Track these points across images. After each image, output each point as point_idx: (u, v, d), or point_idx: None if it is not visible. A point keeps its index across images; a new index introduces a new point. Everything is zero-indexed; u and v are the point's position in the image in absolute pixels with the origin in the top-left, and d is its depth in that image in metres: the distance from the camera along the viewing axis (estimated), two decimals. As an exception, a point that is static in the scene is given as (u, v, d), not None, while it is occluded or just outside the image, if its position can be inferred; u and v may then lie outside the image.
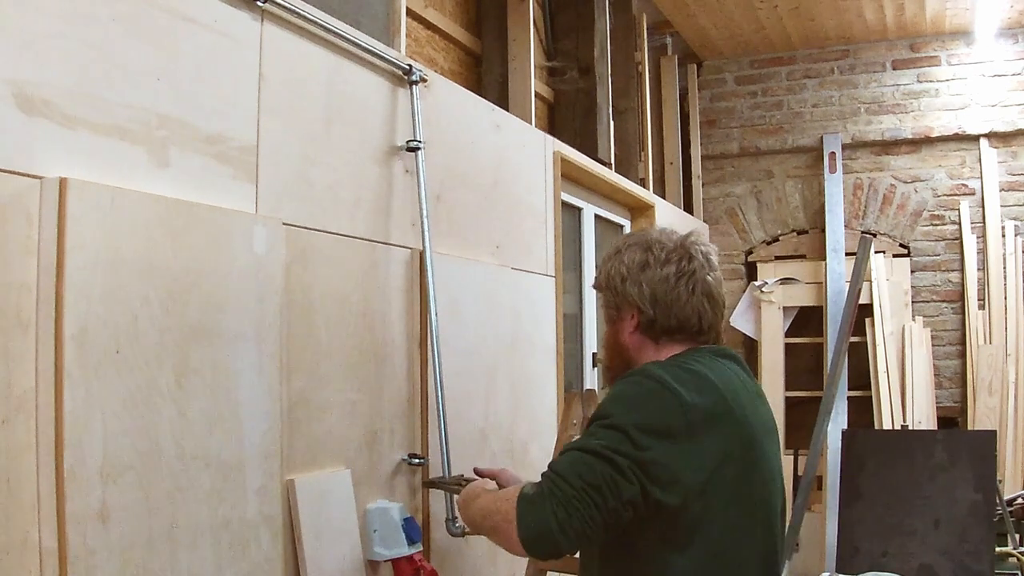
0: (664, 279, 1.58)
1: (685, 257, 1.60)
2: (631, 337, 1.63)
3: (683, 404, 1.44)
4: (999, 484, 3.04)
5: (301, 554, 1.94)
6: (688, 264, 1.60)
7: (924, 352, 5.16)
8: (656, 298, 1.58)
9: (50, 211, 1.44)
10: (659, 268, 1.59)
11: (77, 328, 1.45)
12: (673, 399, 1.44)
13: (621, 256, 1.64)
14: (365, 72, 2.32)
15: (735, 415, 1.50)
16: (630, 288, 1.60)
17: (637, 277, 1.60)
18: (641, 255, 1.61)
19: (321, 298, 2.09)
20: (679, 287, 1.58)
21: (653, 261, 1.60)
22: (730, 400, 1.50)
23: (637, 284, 1.60)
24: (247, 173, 1.89)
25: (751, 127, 5.78)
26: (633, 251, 1.63)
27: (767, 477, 1.55)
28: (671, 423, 1.43)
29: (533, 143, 3.32)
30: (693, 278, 1.59)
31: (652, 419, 1.43)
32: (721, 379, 1.52)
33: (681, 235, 1.66)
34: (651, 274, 1.59)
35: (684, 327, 1.59)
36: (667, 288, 1.58)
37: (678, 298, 1.58)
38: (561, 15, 4.14)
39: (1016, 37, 5.28)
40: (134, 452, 1.53)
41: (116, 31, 1.59)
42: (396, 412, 2.36)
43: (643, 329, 1.61)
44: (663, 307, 1.58)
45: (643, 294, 1.59)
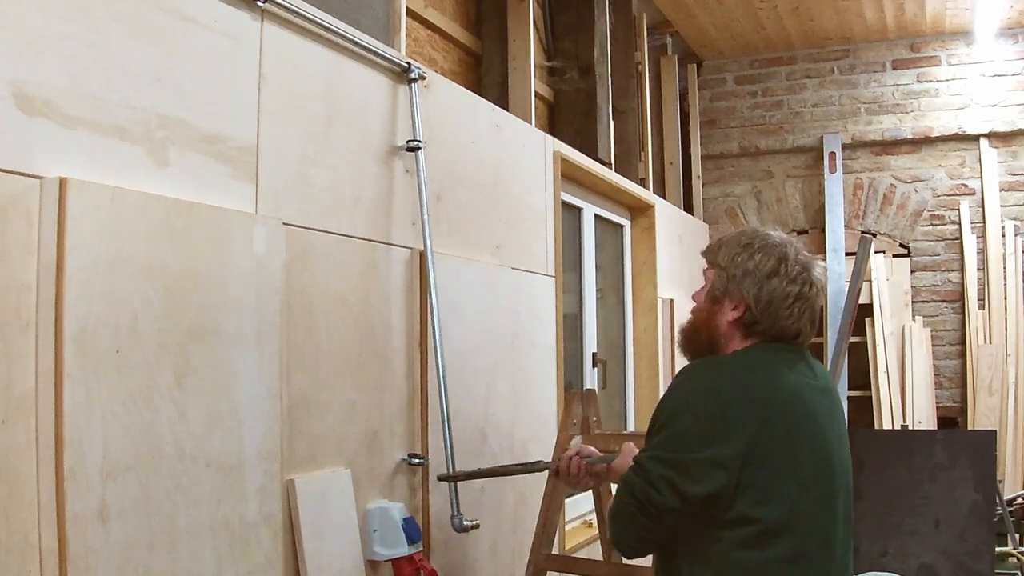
0: (785, 296, 1.67)
1: (808, 283, 1.70)
2: (728, 325, 1.71)
3: (726, 412, 1.57)
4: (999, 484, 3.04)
5: (301, 554, 1.94)
6: (809, 290, 1.70)
7: (924, 352, 5.16)
8: (770, 308, 1.67)
9: (50, 211, 1.44)
10: (785, 284, 1.68)
11: (77, 328, 1.45)
12: (719, 410, 1.58)
13: (753, 253, 1.71)
14: (365, 72, 2.32)
15: (788, 408, 1.61)
16: (750, 286, 1.68)
17: (762, 281, 1.68)
18: (774, 264, 1.69)
19: (321, 298, 2.09)
20: (794, 307, 1.68)
21: (783, 274, 1.68)
22: (787, 395, 1.62)
23: (758, 287, 1.68)
24: (247, 173, 1.89)
25: (751, 127, 5.77)
26: (767, 256, 1.70)
27: (826, 466, 1.65)
28: (713, 432, 1.57)
29: (533, 143, 3.32)
30: (807, 303, 1.70)
31: (693, 433, 1.58)
32: (782, 376, 1.64)
33: (809, 257, 1.75)
34: (775, 285, 1.67)
35: (780, 336, 1.70)
36: (784, 304, 1.67)
37: (789, 315, 1.68)
38: (561, 15, 4.14)
39: (1016, 37, 5.28)
40: (134, 452, 1.53)
41: (116, 31, 1.59)
42: (396, 412, 2.36)
43: (742, 324, 1.70)
44: (771, 317, 1.68)
45: (760, 298, 1.67)
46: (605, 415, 3.19)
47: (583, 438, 2.65)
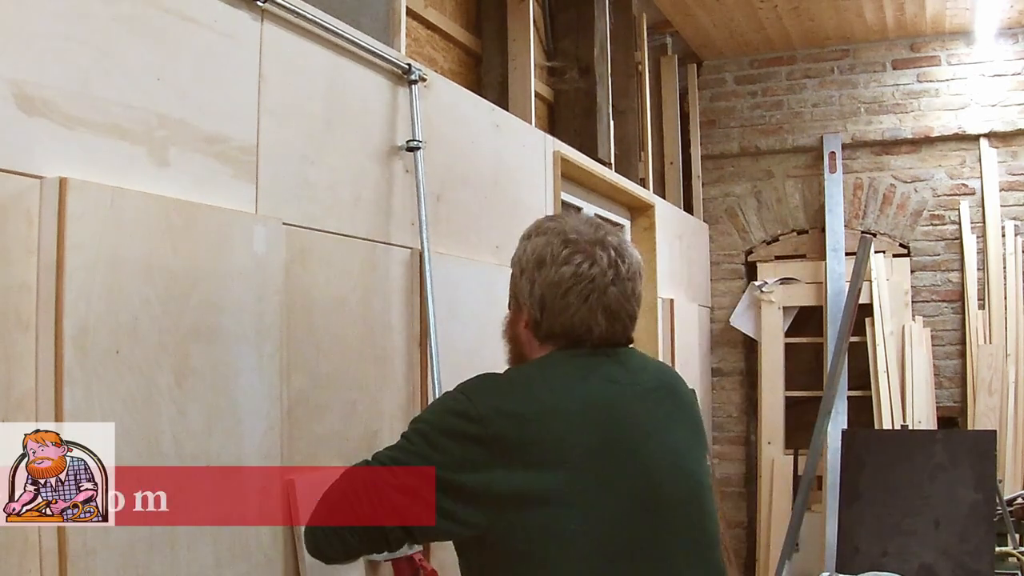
0: (555, 283, 1.40)
1: (587, 260, 1.40)
2: (524, 332, 1.48)
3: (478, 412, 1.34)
4: (999, 484, 3.04)
5: (301, 554, 1.94)
6: (589, 268, 1.39)
7: (924, 352, 5.16)
8: (544, 302, 1.41)
9: (50, 211, 1.44)
10: (555, 268, 1.40)
11: (77, 328, 1.45)
12: (469, 406, 1.36)
13: (528, 243, 1.47)
14: (365, 72, 2.32)
15: (567, 414, 1.34)
16: (524, 284, 1.45)
17: (532, 274, 1.43)
18: (543, 248, 1.43)
19: (321, 298, 2.09)
20: (570, 295, 1.39)
21: (551, 259, 1.41)
22: (559, 401, 1.35)
23: (531, 282, 1.43)
24: (247, 173, 1.89)
25: (751, 127, 5.77)
26: (538, 241, 1.45)
27: (641, 475, 1.36)
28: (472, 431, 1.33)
29: (533, 143, 3.32)
30: (590, 286, 1.39)
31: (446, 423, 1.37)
32: (555, 381, 1.38)
33: (599, 232, 1.45)
34: (545, 274, 1.41)
35: (569, 336, 1.42)
36: (556, 293, 1.40)
37: (567, 306, 1.39)
38: (561, 15, 4.14)
39: (1016, 37, 5.27)
40: (134, 452, 1.53)
41: (116, 31, 1.59)
42: (396, 412, 2.36)
43: (532, 328, 1.46)
44: (549, 313, 1.41)
45: (533, 294, 1.43)
46: (605, 415, 3.19)
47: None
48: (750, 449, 5.66)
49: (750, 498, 5.60)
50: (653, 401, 1.44)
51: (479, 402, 1.36)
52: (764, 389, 5.44)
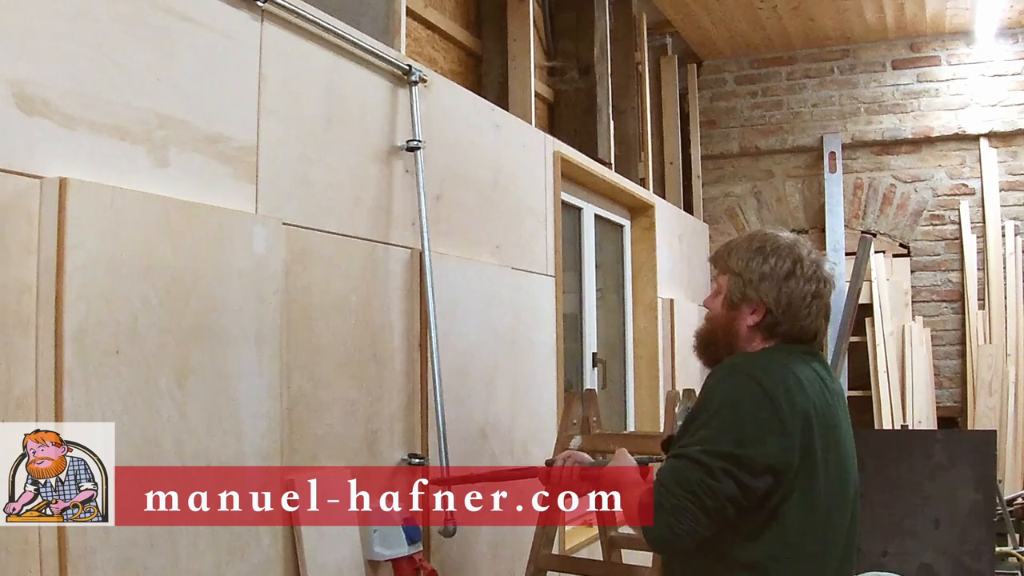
0: (803, 296, 1.72)
1: (822, 281, 1.76)
2: (748, 329, 1.75)
3: (777, 406, 1.59)
4: (999, 484, 3.05)
5: (301, 554, 1.94)
6: (823, 287, 1.76)
7: (924, 352, 5.16)
8: (790, 308, 1.72)
9: (50, 211, 1.44)
10: (802, 284, 1.72)
11: (77, 328, 1.45)
12: (769, 403, 1.59)
13: (767, 256, 1.75)
14: (365, 72, 2.32)
15: (817, 411, 1.64)
16: (768, 290, 1.72)
17: (780, 284, 1.72)
18: (790, 265, 1.73)
19: (321, 298, 2.09)
20: (811, 306, 1.73)
21: (799, 274, 1.73)
22: (814, 398, 1.65)
23: (777, 289, 1.72)
24: (247, 173, 1.89)
25: (751, 127, 5.77)
26: (782, 258, 1.74)
27: (843, 466, 1.69)
28: (766, 425, 1.58)
29: (533, 143, 3.32)
30: (823, 301, 1.76)
31: (747, 424, 1.59)
32: (807, 378, 1.67)
33: (819, 256, 1.80)
34: (793, 286, 1.72)
35: (799, 337, 1.74)
36: (802, 304, 1.72)
37: (808, 314, 1.73)
38: (561, 15, 4.14)
39: (1016, 37, 5.28)
40: (134, 452, 1.53)
41: (116, 31, 1.59)
42: (396, 412, 2.36)
43: (762, 327, 1.73)
44: (791, 317, 1.72)
45: (779, 300, 1.72)
46: (605, 415, 3.19)
47: (583, 438, 2.65)
48: (750, 449, 5.66)
49: (750, 498, 5.59)
50: (840, 401, 1.78)
51: (763, 380, 1.62)
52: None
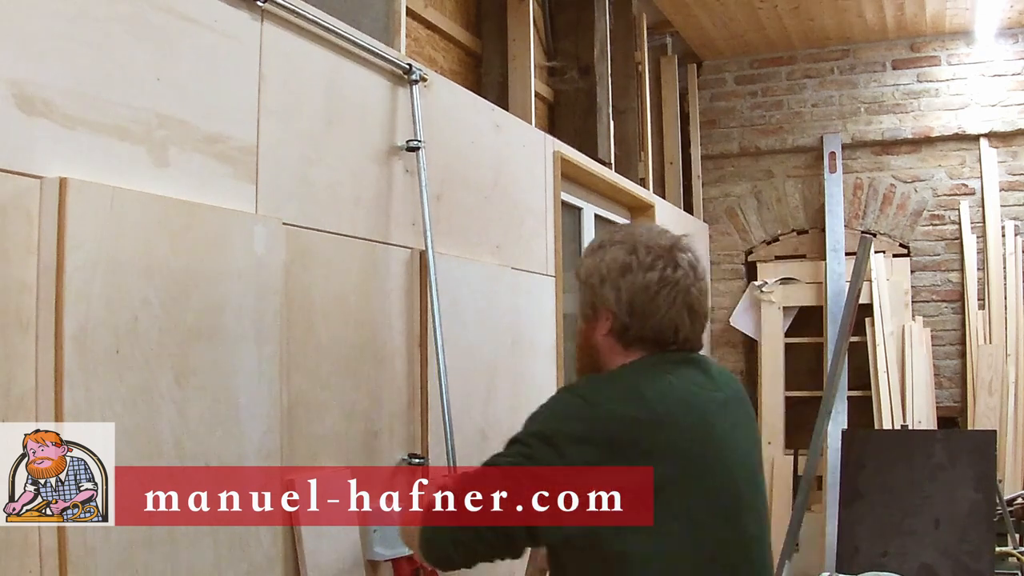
0: (645, 287, 1.48)
1: (671, 264, 1.49)
2: (603, 339, 1.53)
3: (600, 415, 1.39)
4: (999, 484, 3.04)
5: (301, 554, 1.94)
6: (673, 272, 1.49)
7: (924, 352, 5.16)
8: (633, 306, 1.48)
9: (50, 211, 1.44)
10: (642, 274, 1.48)
11: (77, 328, 1.45)
12: (590, 410, 1.40)
13: (603, 253, 1.53)
14: (365, 72, 2.32)
15: (675, 423, 1.42)
16: (608, 291, 1.50)
17: (617, 281, 1.50)
18: (624, 256, 1.50)
19: (321, 298, 2.09)
20: (659, 297, 1.48)
21: (636, 265, 1.49)
22: (669, 409, 1.42)
23: (616, 288, 1.50)
24: (247, 173, 1.89)
25: (751, 127, 5.77)
26: (616, 250, 1.52)
27: (728, 482, 1.46)
28: (588, 433, 1.38)
29: (533, 143, 3.32)
30: (676, 288, 1.48)
31: (567, 427, 1.39)
32: (662, 388, 1.45)
33: (671, 238, 1.54)
34: (632, 279, 1.49)
35: (658, 339, 1.50)
36: (647, 297, 1.48)
37: (657, 309, 1.48)
38: (561, 15, 4.14)
39: (1016, 37, 5.27)
40: (134, 452, 1.53)
41: (116, 31, 1.59)
42: (396, 412, 2.36)
43: (616, 334, 1.51)
44: (639, 316, 1.48)
45: (620, 300, 1.49)
46: (605, 415, 3.19)
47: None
48: (750, 449, 5.66)
49: (750, 498, 5.59)
50: (730, 409, 1.52)
51: (595, 404, 1.41)
52: (764, 389, 5.44)
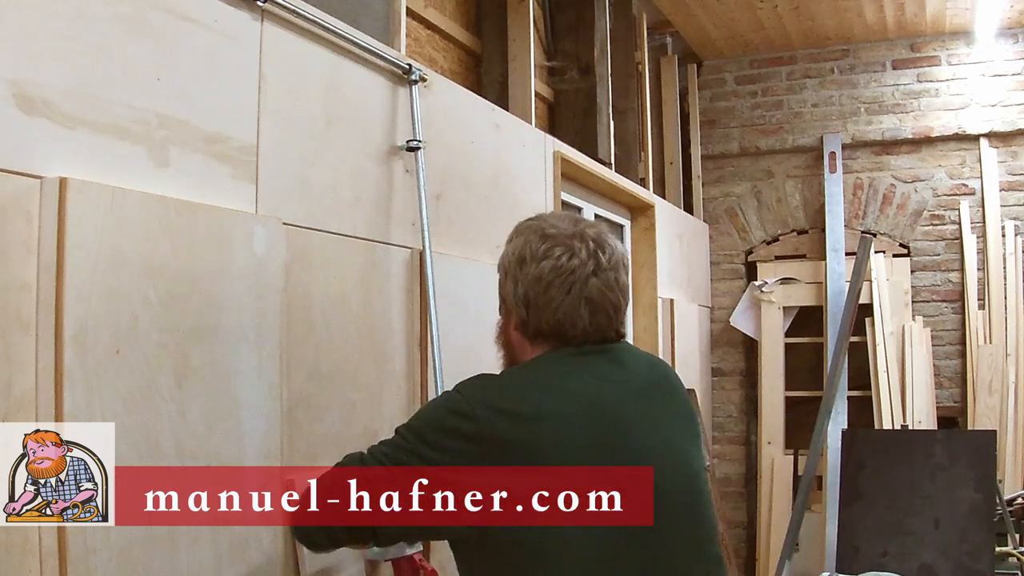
0: (537, 278, 1.40)
1: (567, 253, 1.40)
2: (514, 335, 1.48)
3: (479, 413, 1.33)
4: (999, 484, 3.04)
5: (301, 554, 1.94)
6: (568, 260, 1.40)
7: (924, 352, 5.16)
8: (528, 299, 1.41)
9: (50, 211, 1.44)
10: (535, 264, 1.40)
11: (77, 328, 1.45)
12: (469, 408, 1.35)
13: (508, 245, 1.47)
14: (365, 72, 2.32)
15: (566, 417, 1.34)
16: (509, 284, 1.45)
17: (515, 273, 1.43)
18: (522, 247, 1.44)
19: (321, 298, 2.09)
20: (552, 289, 1.40)
21: (530, 256, 1.42)
22: (559, 403, 1.35)
23: (514, 281, 1.44)
24: (247, 173, 1.89)
25: (751, 127, 5.77)
26: (518, 241, 1.46)
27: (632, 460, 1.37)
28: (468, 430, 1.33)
29: (533, 143, 3.32)
30: (570, 278, 1.39)
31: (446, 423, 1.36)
32: (553, 382, 1.38)
33: (575, 226, 1.44)
34: (527, 271, 1.42)
35: (556, 332, 1.42)
36: (539, 289, 1.40)
37: (550, 301, 1.40)
38: (561, 15, 4.14)
39: (1016, 37, 5.28)
40: (134, 452, 1.53)
41: (116, 31, 1.59)
42: (396, 412, 2.36)
43: (520, 328, 1.46)
44: (535, 309, 1.41)
45: (517, 293, 1.43)
46: (605, 415, 3.19)
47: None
48: (750, 449, 5.66)
49: (750, 498, 5.60)
50: (647, 397, 1.44)
51: (475, 400, 1.37)
52: (764, 389, 5.44)
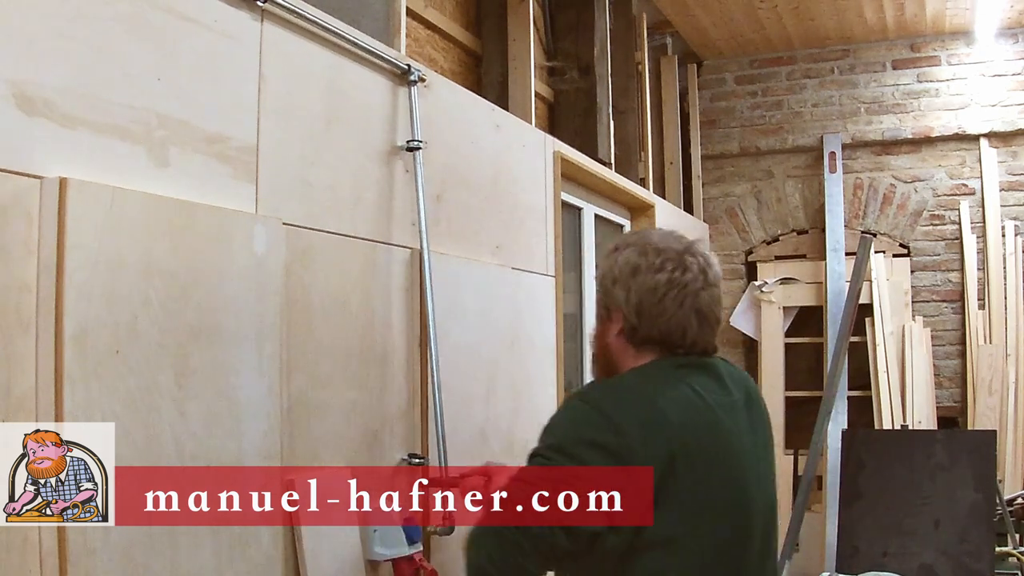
0: (652, 289, 1.51)
1: (680, 267, 1.53)
2: (616, 341, 1.58)
3: (613, 423, 1.42)
4: (999, 484, 3.04)
5: (301, 554, 1.94)
6: (682, 275, 1.52)
7: (924, 352, 5.16)
8: (642, 307, 1.52)
9: (50, 211, 1.44)
10: (650, 275, 1.52)
11: (77, 328, 1.45)
12: (602, 418, 1.43)
13: (617, 255, 1.59)
14: (365, 72, 2.32)
15: (690, 444, 1.44)
16: (619, 292, 1.55)
17: (627, 282, 1.54)
18: (636, 258, 1.55)
19: (321, 298, 2.09)
20: (666, 299, 1.51)
21: (645, 267, 1.53)
22: (683, 431, 1.45)
23: (626, 289, 1.54)
24: (247, 173, 1.89)
25: (751, 127, 5.77)
26: (629, 252, 1.57)
27: (738, 486, 1.51)
28: (602, 439, 1.42)
29: (533, 143, 3.32)
30: (683, 291, 1.52)
31: (584, 435, 1.44)
32: (672, 395, 1.48)
33: (684, 242, 1.58)
34: (641, 280, 1.53)
35: (666, 340, 1.53)
36: (653, 299, 1.51)
37: (664, 311, 1.51)
38: (561, 15, 4.14)
39: (1016, 37, 5.28)
40: (134, 452, 1.53)
41: (116, 31, 1.59)
42: (396, 412, 2.36)
43: (626, 335, 1.56)
44: (647, 318, 1.52)
45: (629, 301, 1.53)
46: (605, 415, 3.19)
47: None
48: (750, 449, 5.66)
49: (750, 498, 5.59)
50: (740, 414, 1.56)
51: (612, 413, 1.44)
52: (764, 389, 5.43)
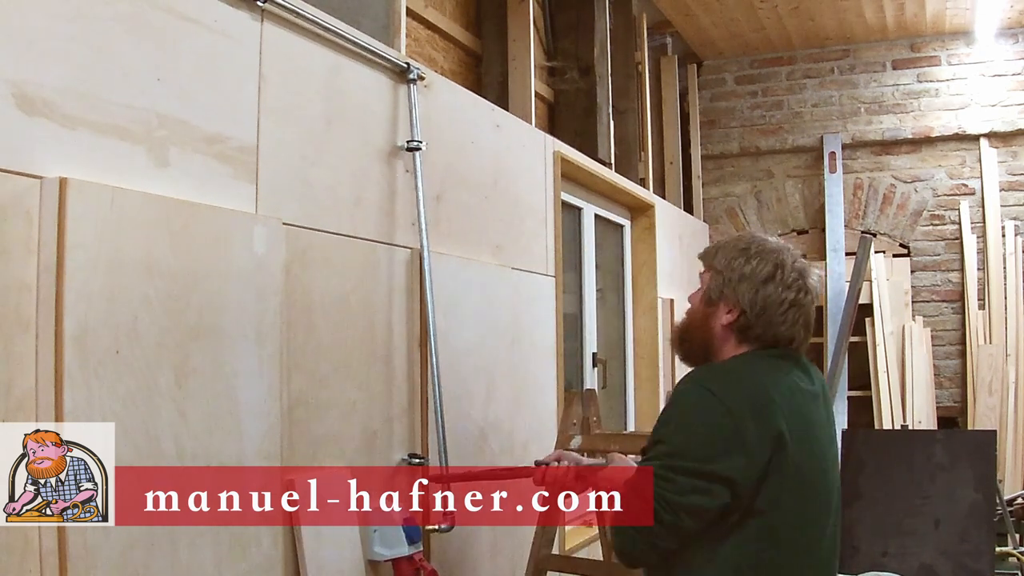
0: (780, 302, 1.68)
1: (803, 290, 1.71)
2: (722, 328, 1.72)
3: (739, 424, 1.56)
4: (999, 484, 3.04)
5: (301, 554, 1.94)
6: (804, 297, 1.71)
7: (924, 352, 5.16)
8: (764, 313, 1.68)
9: (50, 211, 1.44)
10: (780, 290, 1.69)
11: (77, 328, 1.45)
12: (731, 420, 1.56)
13: (750, 258, 1.72)
14: (365, 72, 2.32)
15: (792, 428, 1.59)
16: (745, 291, 1.69)
17: (757, 287, 1.69)
18: (770, 269, 1.70)
19: (321, 298, 2.09)
20: (788, 314, 1.69)
21: (779, 280, 1.69)
22: (788, 414, 1.60)
23: (754, 291, 1.68)
24: (247, 173, 1.89)
25: (751, 127, 5.77)
26: (764, 261, 1.71)
27: (822, 468, 1.67)
28: (727, 442, 1.56)
29: (533, 143, 3.32)
30: (802, 311, 1.70)
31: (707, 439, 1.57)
32: (782, 392, 1.63)
33: (805, 264, 1.76)
34: (771, 290, 1.68)
35: (775, 342, 1.71)
36: (779, 311, 1.68)
37: (783, 322, 1.69)
38: (561, 15, 4.14)
39: (1016, 37, 5.28)
40: (134, 452, 1.53)
41: (116, 31, 1.59)
42: (396, 412, 2.36)
43: (736, 328, 1.70)
44: (765, 323, 1.68)
45: (755, 303, 1.68)
46: (605, 415, 3.19)
47: (583, 438, 2.65)
48: (750, 449, 5.66)
49: (750, 498, 5.60)
50: (820, 404, 1.74)
51: (727, 398, 1.59)
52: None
